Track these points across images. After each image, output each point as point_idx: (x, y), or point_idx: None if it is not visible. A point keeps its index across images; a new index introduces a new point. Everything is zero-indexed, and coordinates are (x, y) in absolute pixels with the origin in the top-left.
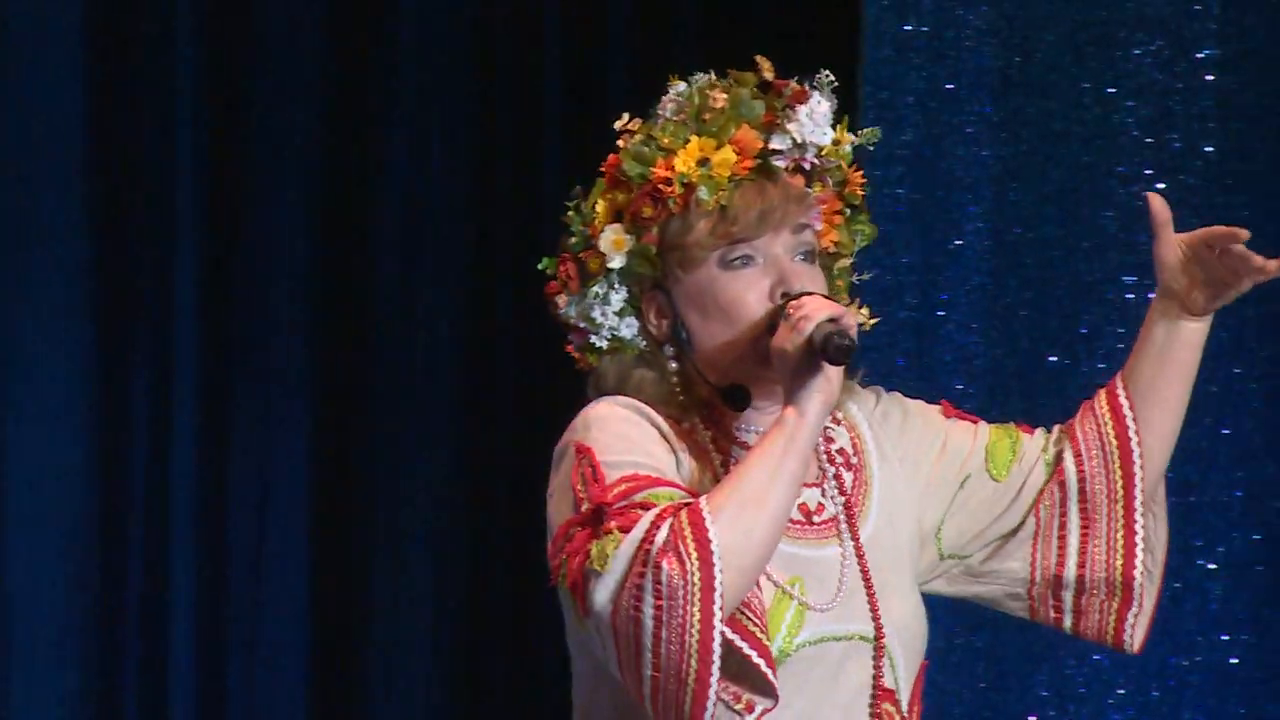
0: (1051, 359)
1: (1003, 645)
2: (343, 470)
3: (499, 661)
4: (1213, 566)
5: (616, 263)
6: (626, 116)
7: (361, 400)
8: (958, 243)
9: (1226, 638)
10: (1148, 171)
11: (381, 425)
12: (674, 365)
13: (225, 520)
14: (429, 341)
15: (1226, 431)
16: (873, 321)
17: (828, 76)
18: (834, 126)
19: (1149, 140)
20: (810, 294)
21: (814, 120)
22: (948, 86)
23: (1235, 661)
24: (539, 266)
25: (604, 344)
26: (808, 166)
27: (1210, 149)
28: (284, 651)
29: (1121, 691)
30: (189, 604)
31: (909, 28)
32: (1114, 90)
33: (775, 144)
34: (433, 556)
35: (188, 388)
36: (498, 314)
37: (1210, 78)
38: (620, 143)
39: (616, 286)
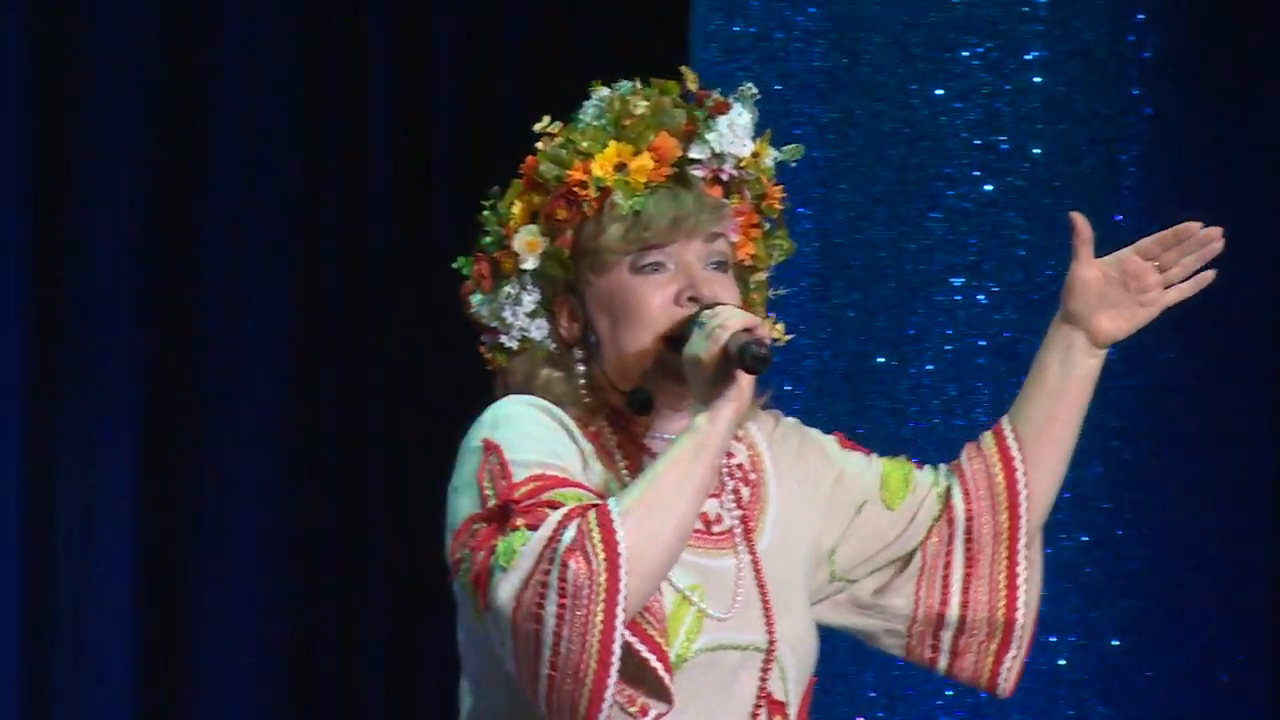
0: (879, 360)
1: (830, 646)
2: (169, 469)
3: (326, 660)
4: None
5: (530, 264)
6: (547, 119)
7: (188, 400)
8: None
9: (1054, 639)
10: (975, 173)
11: (208, 424)
12: (582, 369)
13: (52, 519)
14: (256, 341)
15: None
16: (787, 337)
17: (750, 89)
18: (754, 139)
19: (977, 142)
20: (723, 303)
21: (734, 131)
22: (776, 88)
23: (1063, 663)
24: (454, 265)
25: (514, 344)
26: (725, 178)
27: (1038, 151)
28: (108, 650)
29: (950, 693)
30: (14, 603)
31: (737, 29)
32: (942, 92)
33: (694, 153)
34: (259, 555)
35: (13, 386)
36: (324, 314)
37: (1038, 80)
38: (539, 145)
39: (529, 288)
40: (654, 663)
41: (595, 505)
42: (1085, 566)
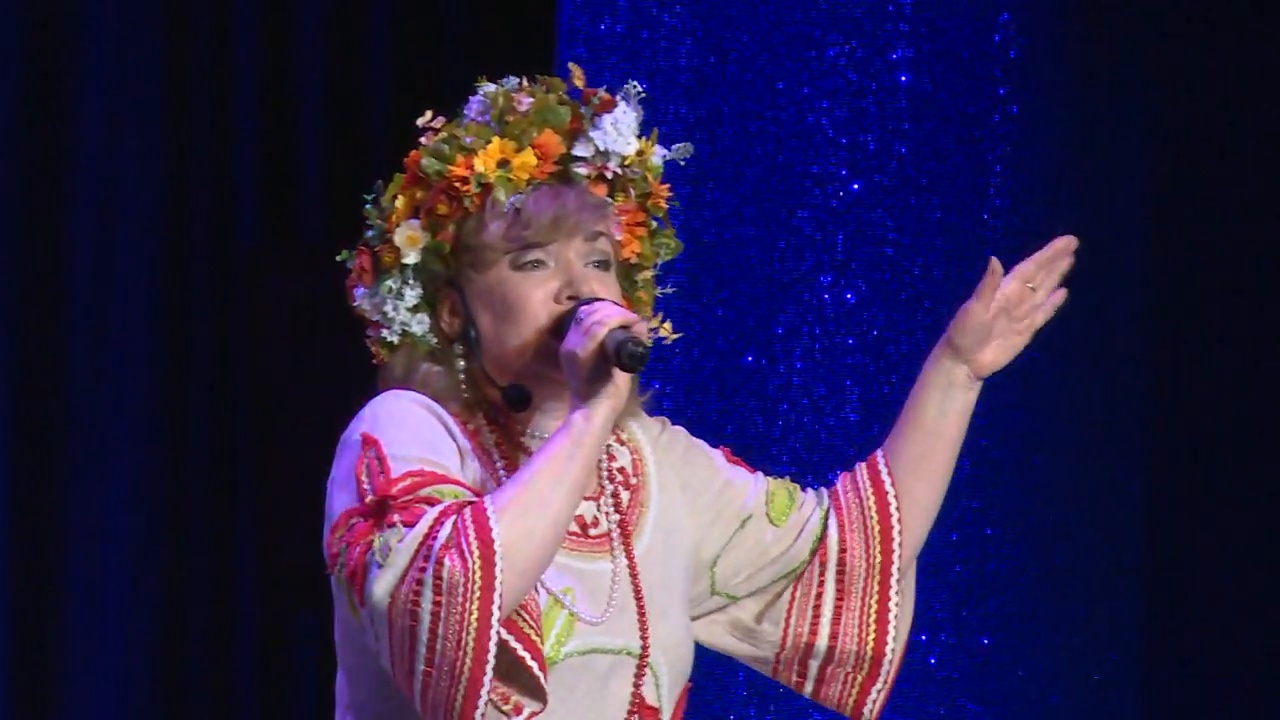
0: (749, 359)
1: (700, 644)
2: (40, 467)
3: (196, 658)
4: None
5: (411, 259)
6: (430, 114)
7: (58, 396)
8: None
9: (925, 638)
10: (843, 172)
11: (78, 420)
12: (462, 364)
13: None
14: (125, 336)
15: None
16: (675, 335)
17: (635, 87)
18: (640, 138)
19: (844, 140)
20: (601, 300)
21: (618, 129)
22: (643, 86)
23: (934, 661)
24: (337, 258)
25: (395, 339)
26: (610, 175)
27: (904, 149)
28: None
29: None
30: None
31: (604, 27)
32: (809, 90)
33: (578, 150)
34: (129, 553)
35: None
36: (193, 309)
37: (904, 78)
38: (422, 140)
39: (411, 282)
40: (529, 661)
41: (471, 502)
42: (955, 565)
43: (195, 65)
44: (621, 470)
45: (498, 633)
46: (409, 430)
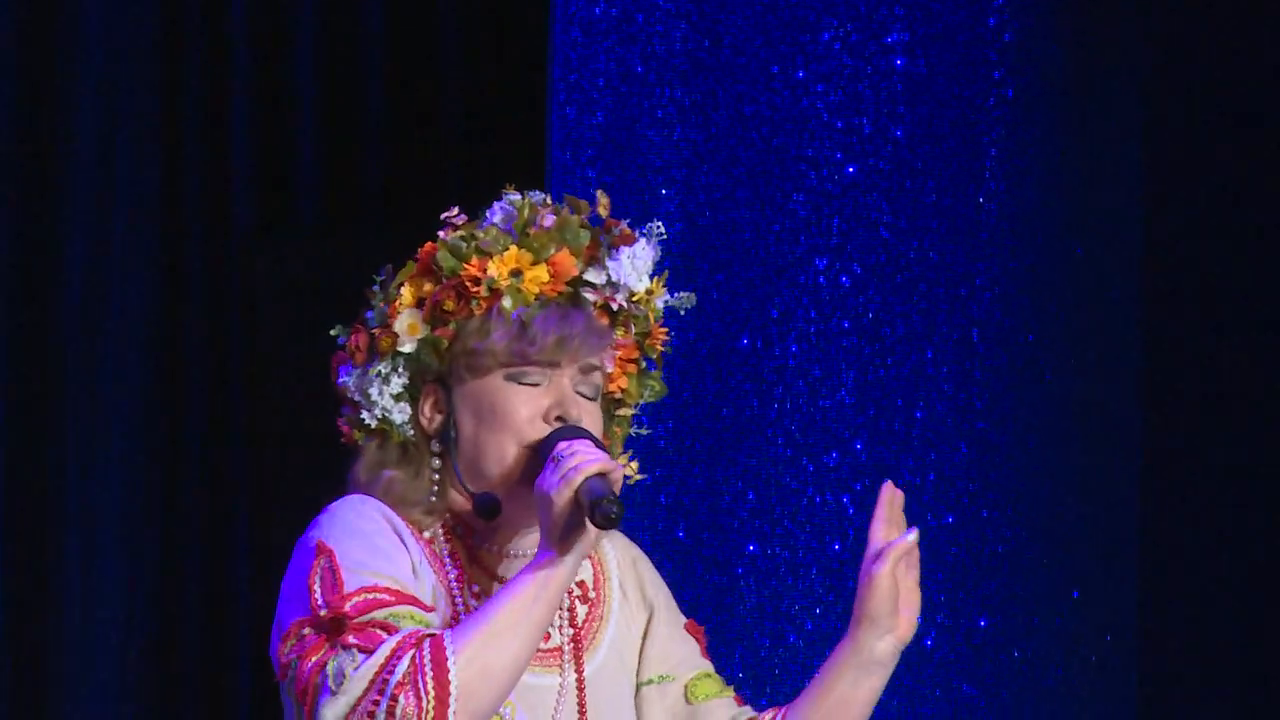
0: (744, 342)
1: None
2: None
3: (192, 652)
4: None
5: (407, 347)
6: (455, 210)
7: (53, 379)
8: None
9: (921, 620)
10: (838, 156)
11: (72, 405)
12: (436, 463)
13: None
14: (119, 327)
15: (919, 414)
16: (638, 477)
17: (659, 228)
18: (652, 278)
19: (839, 124)
20: (583, 435)
21: (633, 265)
22: (638, 70)
23: (929, 643)
24: (331, 332)
25: (373, 422)
26: (615, 308)
27: (899, 133)
28: None
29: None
30: None
31: (599, 11)
32: (804, 74)
33: (590, 276)
34: (123, 537)
35: None
36: (188, 302)
37: (899, 62)
38: (441, 233)
39: (400, 370)
40: None
41: (431, 636)
42: (951, 547)
43: (191, 48)
44: (581, 584)
45: None
46: (365, 541)
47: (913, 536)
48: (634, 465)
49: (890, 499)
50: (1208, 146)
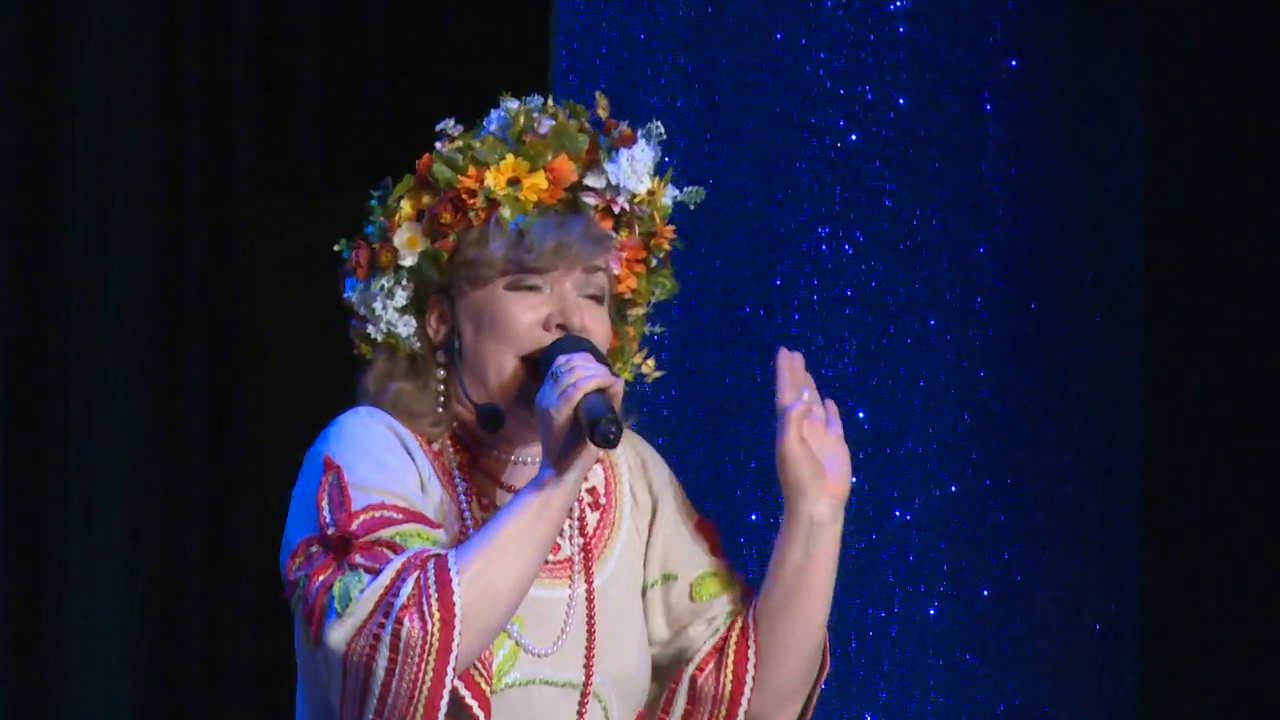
0: (747, 310)
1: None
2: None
3: (194, 608)
4: (909, 518)
5: (408, 261)
6: (450, 121)
7: (55, 349)
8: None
9: (924, 589)
10: (841, 123)
11: (75, 374)
12: (441, 374)
13: None
14: (121, 285)
15: (922, 383)
16: (656, 374)
17: (658, 128)
18: (654, 177)
19: (841, 91)
20: (583, 348)
21: (633, 166)
22: (641, 37)
23: (933, 613)
24: (335, 248)
25: (379, 336)
26: (616, 210)
27: (903, 100)
28: None
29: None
30: None
31: None
32: (807, 41)
33: (590, 180)
34: (126, 507)
35: None
36: (191, 255)
37: (902, 29)
38: (436, 145)
39: (404, 284)
40: (476, 710)
41: (435, 556)
42: (955, 516)
43: (192, 16)
44: (592, 490)
45: (450, 689)
46: (372, 458)
47: (808, 395)
48: (650, 363)
49: (789, 363)
50: (1211, 113)
